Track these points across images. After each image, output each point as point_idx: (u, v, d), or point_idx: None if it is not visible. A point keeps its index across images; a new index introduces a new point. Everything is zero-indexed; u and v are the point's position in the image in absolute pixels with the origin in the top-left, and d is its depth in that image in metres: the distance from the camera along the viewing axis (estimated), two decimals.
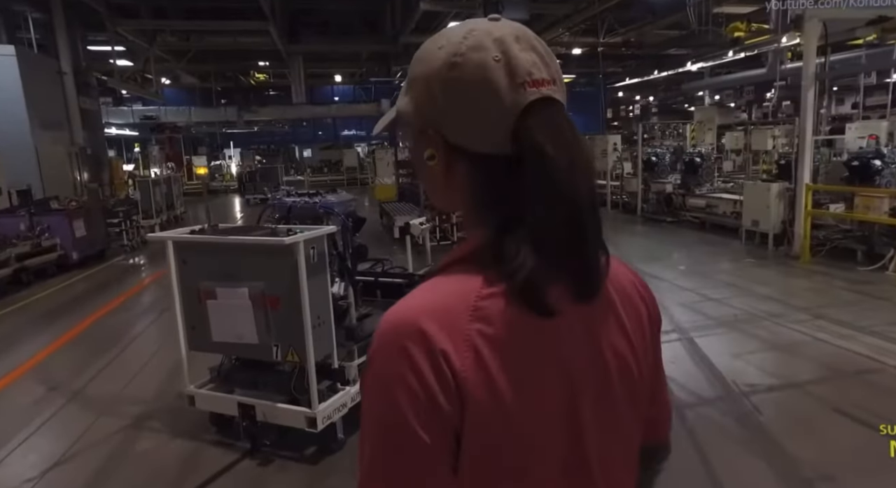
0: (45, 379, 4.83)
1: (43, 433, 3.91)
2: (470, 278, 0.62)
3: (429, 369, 0.57)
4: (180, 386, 3.77)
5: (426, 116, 0.66)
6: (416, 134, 0.68)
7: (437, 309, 0.60)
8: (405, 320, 0.59)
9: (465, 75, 0.62)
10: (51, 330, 6.21)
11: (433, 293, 0.63)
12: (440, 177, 0.68)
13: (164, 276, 8.55)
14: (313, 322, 3.15)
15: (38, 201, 10.20)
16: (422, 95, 0.66)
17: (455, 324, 0.59)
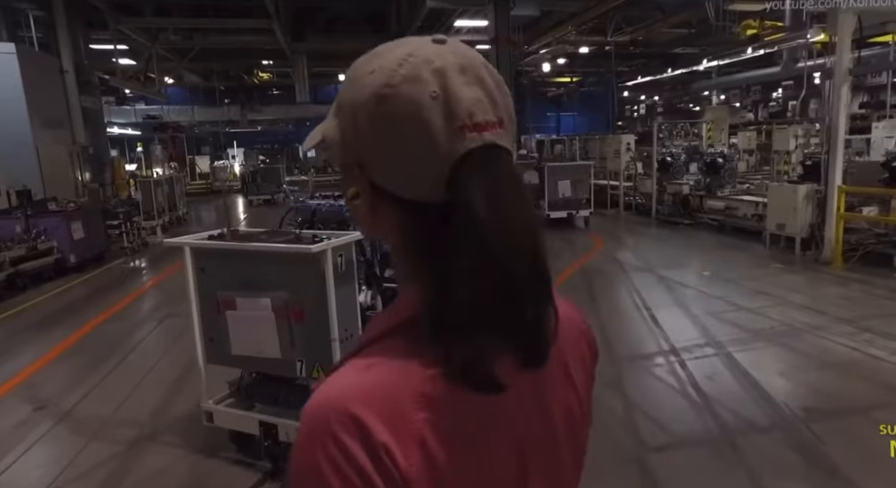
0: (32, 397, 4.47)
1: (21, 467, 3.51)
2: (408, 355, 0.54)
3: (370, 466, 0.49)
4: (199, 400, 3.49)
5: (351, 150, 0.58)
6: (341, 166, 0.60)
7: (374, 395, 0.52)
8: (336, 406, 0.51)
9: (395, 112, 0.54)
10: (43, 340, 5.84)
11: (367, 374, 0.54)
12: (365, 214, 0.60)
13: (165, 280, 8.35)
14: (341, 335, 2.94)
15: (36, 202, 9.83)
16: (348, 125, 0.58)
17: (398, 413, 0.52)
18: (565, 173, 11.30)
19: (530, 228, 0.56)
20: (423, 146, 0.54)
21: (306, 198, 4.12)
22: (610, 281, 7.29)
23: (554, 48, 20.57)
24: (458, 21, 19.05)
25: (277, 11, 16.03)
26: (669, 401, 3.94)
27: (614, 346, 4.94)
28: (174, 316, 6.42)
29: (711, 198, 10.29)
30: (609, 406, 3.89)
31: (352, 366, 0.55)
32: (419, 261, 0.57)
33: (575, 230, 11.02)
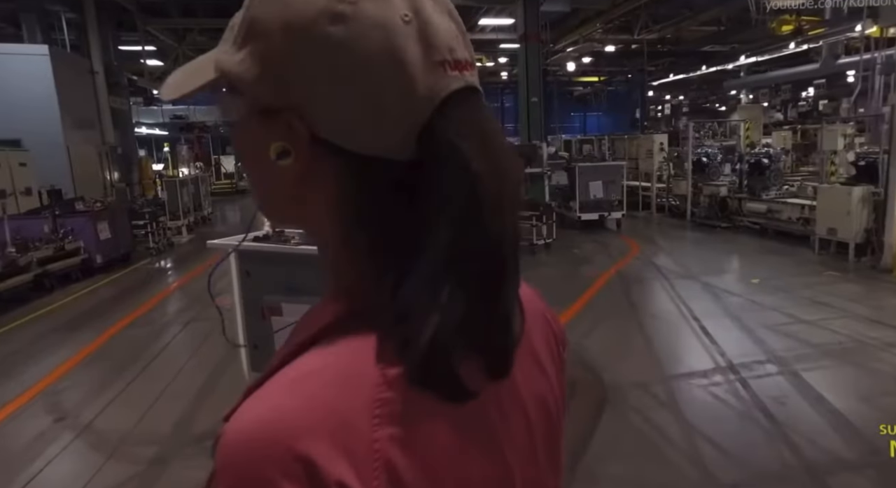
0: (54, 406, 4.24)
1: (43, 481, 3.28)
2: (357, 357, 0.40)
3: None
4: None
5: (284, 89, 0.42)
6: (255, 113, 0.43)
7: (316, 416, 0.38)
8: (268, 443, 0.36)
9: (357, 35, 0.40)
10: (68, 344, 5.64)
11: (301, 390, 0.39)
12: (289, 183, 0.44)
13: (189, 282, 8.13)
14: None
15: (64, 202, 9.74)
16: (275, 54, 0.41)
17: (354, 435, 0.38)
18: (597, 174, 10.89)
19: (519, 193, 0.46)
20: (397, 83, 0.41)
21: None
22: (651, 288, 6.85)
23: (580, 47, 20.10)
24: (482, 19, 18.75)
25: None
26: (736, 428, 3.53)
27: (664, 361, 4.54)
28: (198, 320, 6.20)
29: (752, 201, 9.74)
30: (667, 431, 3.51)
31: (277, 384, 0.40)
32: (366, 238, 0.43)
33: (607, 233, 10.59)
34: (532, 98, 12.08)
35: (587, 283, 6.86)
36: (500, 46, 22.20)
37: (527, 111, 12.14)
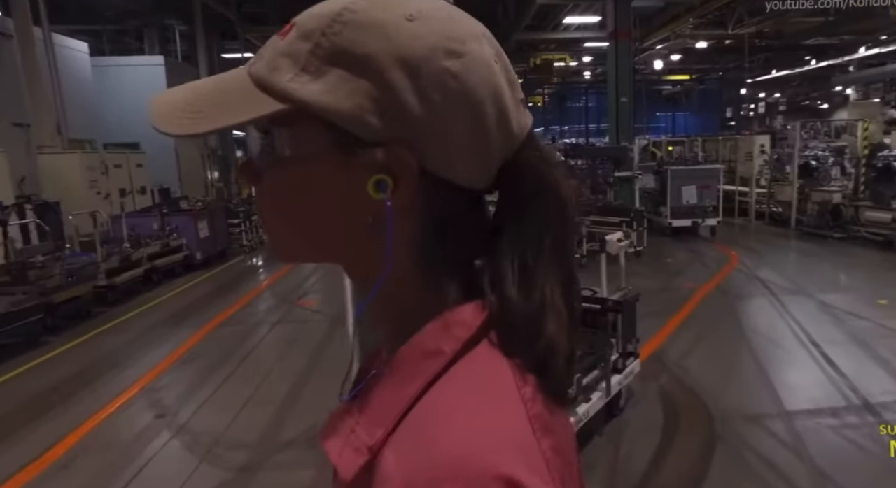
0: (155, 403, 4.35)
1: (140, 483, 3.28)
2: (499, 379, 0.41)
3: None
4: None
5: (390, 124, 0.41)
6: (336, 147, 0.42)
7: (506, 436, 0.39)
8: (477, 470, 0.36)
9: (469, 72, 0.41)
10: (169, 339, 5.85)
11: (481, 410, 0.40)
12: (375, 222, 0.43)
13: (277, 282, 8.28)
14: None
15: (171, 200, 10.28)
16: (387, 88, 0.40)
17: (531, 451, 0.39)
18: (690, 178, 10.11)
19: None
20: (499, 117, 0.43)
21: None
22: (758, 306, 6.13)
23: (670, 43, 18.96)
24: (567, 18, 18.13)
25: None
26: (880, 484, 2.98)
27: (782, 392, 3.98)
28: (284, 322, 6.25)
29: (875, 209, 8.61)
30: (794, 479, 3.01)
31: (449, 405, 0.40)
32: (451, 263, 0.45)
33: (701, 241, 9.80)
34: (621, 98, 11.43)
35: (683, 297, 6.29)
36: (585, 45, 21.44)
37: (615, 111, 11.51)
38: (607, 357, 3.51)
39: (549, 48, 22.75)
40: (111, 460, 3.54)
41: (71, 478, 3.32)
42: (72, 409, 4.25)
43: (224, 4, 14.43)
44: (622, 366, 3.67)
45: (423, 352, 0.43)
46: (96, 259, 6.98)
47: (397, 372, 0.43)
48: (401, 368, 0.43)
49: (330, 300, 6.67)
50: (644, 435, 3.50)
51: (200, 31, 15.15)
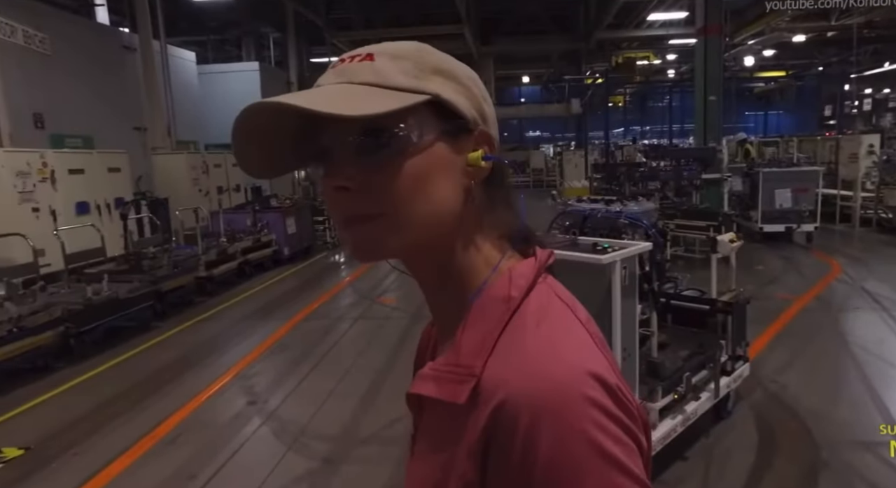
0: (246, 390, 4.57)
1: (235, 464, 3.46)
2: (555, 306, 0.54)
3: (621, 414, 0.47)
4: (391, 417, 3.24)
5: (480, 115, 0.57)
6: (448, 134, 0.54)
7: (581, 346, 0.51)
8: (574, 368, 0.48)
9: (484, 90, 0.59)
10: (259, 330, 6.14)
11: (555, 330, 0.51)
12: (474, 184, 0.56)
13: (358, 279, 8.48)
14: (621, 354, 2.71)
15: (263, 198, 10.79)
16: (474, 95, 0.57)
17: (601, 357, 0.51)
18: (785, 180, 9.35)
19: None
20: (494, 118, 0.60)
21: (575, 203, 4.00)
22: (866, 321, 5.52)
23: (764, 38, 17.69)
24: (652, 14, 17.37)
25: (468, 16, 15.97)
26: None
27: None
28: (365, 318, 6.38)
29: None
30: None
31: (539, 327, 0.51)
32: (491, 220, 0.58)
33: (796, 248, 9.06)
34: (710, 97, 10.77)
35: (778, 308, 5.81)
36: (670, 42, 20.44)
37: (703, 111, 10.87)
38: (716, 358, 3.40)
39: (632, 46, 21.90)
40: (210, 439, 3.76)
41: (176, 453, 3.55)
42: (176, 390, 4.56)
43: (314, 12, 15.00)
44: (731, 369, 3.56)
45: (496, 299, 0.54)
46: (198, 251, 7.45)
47: (478, 317, 0.53)
48: (480, 313, 0.54)
49: (408, 298, 6.74)
50: (736, 455, 3.25)
51: (292, 38, 15.85)
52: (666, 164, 10.90)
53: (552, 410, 0.45)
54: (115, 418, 4.06)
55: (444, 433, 0.52)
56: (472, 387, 0.49)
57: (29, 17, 7.96)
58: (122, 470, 3.38)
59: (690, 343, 3.49)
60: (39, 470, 3.43)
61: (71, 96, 9.18)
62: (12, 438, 3.81)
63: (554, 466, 0.45)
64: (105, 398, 4.43)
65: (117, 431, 3.87)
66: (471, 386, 0.49)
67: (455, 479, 0.49)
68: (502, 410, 0.46)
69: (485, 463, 0.47)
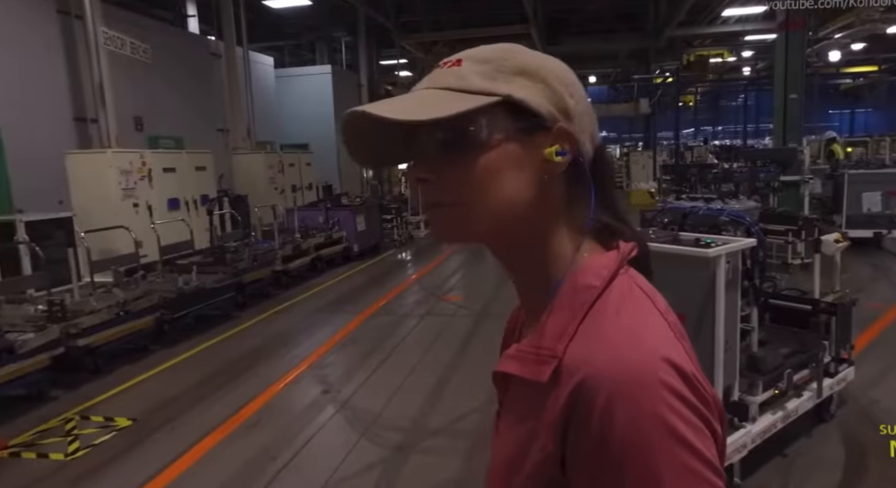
0: (321, 379, 4.79)
1: (313, 448, 3.65)
2: (636, 295, 0.57)
3: (696, 400, 0.50)
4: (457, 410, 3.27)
5: (560, 112, 0.59)
6: (523, 131, 0.57)
7: (659, 333, 0.53)
8: (650, 354, 0.50)
9: (579, 89, 0.61)
10: (330, 323, 6.40)
11: (634, 318, 0.54)
12: (550, 178, 0.59)
13: (425, 275, 8.64)
14: (723, 346, 2.71)
15: (334, 196, 11.17)
16: (556, 92, 0.59)
17: (679, 345, 0.53)
18: (874, 183, 8.71)
19: None
20: (592, 118, 0.62)
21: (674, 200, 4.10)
22: None
23: (854, 31, 16.44)
24: (727, 10, 16.57)
25: (535, 16, 15.83)
26: None
27: None
28: (431, 315, 6.49)
29: None
30: None
31: (619, 315, 0.54)
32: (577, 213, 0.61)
33: (886, 255, 8.42)
34: (791, 95, 10.18)
35: (868, 318, 5.43)
36: (745, 38, 19.42)
37: (783, 110, 10.28)
38: (819, 358, 3.34)
39: (704, 44, 20.97)
40: (288, 424, 3.98)
41: (259, 436, 3.79)
42: (257, 376, 4.84)
43: (384, 15, 15.34)
44: (834, 371, 3.48)
45: (579, 287, 0.57)
46: (275, 246, 7.83)
47: (561, 303, 0.57)
48: (564, 300, 0.57)
49: (474, 297, 6.82)
50: (819, 472, 3.10)
51: (362, 41, 16.26)
52: (740, 166, 10.38)
53: (628, 392, 0.48)
54: (205, 399, 4.38)
55: (527, 409, 0.55)
56: (553, 368, 0.53)
57: (135, 30, 8.64)
58: (212, 446, 3.65)
59: (791, 342, 3.46)
60: (144, 440, 3.77)
61: (165, 100, 9.88)
62: (122, 410, 4.20)
63: (627, 445, 0.47)
64: (195, 380, 4.77)
65: (207, 411, 4.16)
66: (552, 366, 0.53)
67: (536, 451, 0.53)
68: (581, 390, 0.49)
69: (564, 438, 0.51)
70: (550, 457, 0.52)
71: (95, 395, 4.48)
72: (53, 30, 8.03)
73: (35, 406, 4.29)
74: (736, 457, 2.84)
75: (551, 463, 0.52)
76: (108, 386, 4.66)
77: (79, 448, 3.67)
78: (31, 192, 7.05)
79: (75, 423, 4.02)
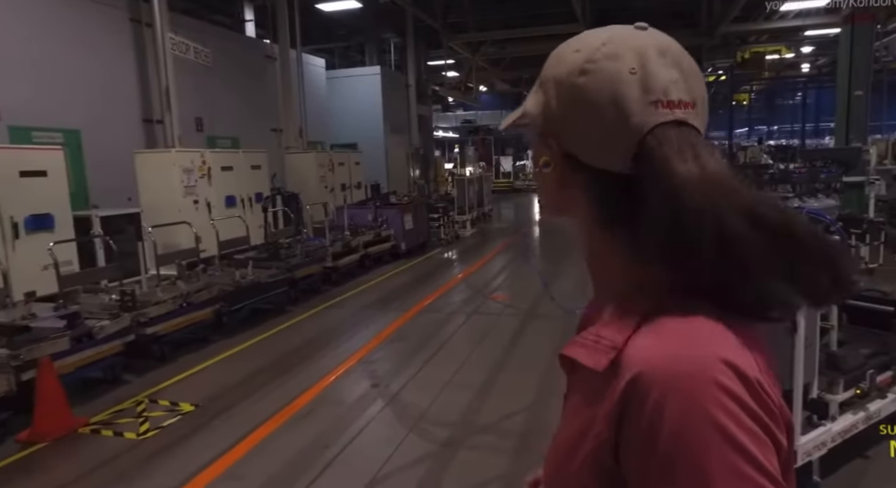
0: (370, 373, 4.87)
1: (363, 440, 3.73)
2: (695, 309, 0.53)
3: (756, 406, 0.48)
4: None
5: (550, 121, 0.61)
6: (537, 137, 0.64)
7: (721, 337, 0.51)
8: (705, 355, 0.50)
9: (593, 84, 0.57)
10: (378, 319, 6.48)
11: (696, 322, 0.52)
12: (553, 186, 0.63)
13: (472, 275, 8.66)
14: (803, 342, 2.65)
15: (382, 195, 11.32)
16: (549, 98, 0.61)
17: (744, 351, 0.51)
18: None
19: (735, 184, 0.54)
20: (615, 116, 0.55)
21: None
22: None
23: None
24: (785, 4, 15.83)
25: (584, 14, 15.57)
26: None
27: None
28: (479, 313, 6.49)
29: None
30: None
31: (670, 317, 0.53)
32: (608, 227, 0.60)
33: None
34: (855, 91, 9.66)
35: None
36: (805, 34, 18.52)
37: (846, 107, 9.77)
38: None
39: (760, 40, 20.12)
40: (340, 415, 4.08)
41: (312, 425, 3.90)
42: (309, 368, 4.98)
43: (431, 16, 15.42)
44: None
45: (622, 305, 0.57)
46: (325, 243, 8.02)
47: (624, 304, 0.58)
48: (626, 301, 0.57)
49: (521, 296, 6.79)
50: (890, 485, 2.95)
51: (411, 42, 16.40)
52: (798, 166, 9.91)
53: (680, 389, 0.48)
54: (260, 388, 4.54)
55: (588, 395, 0.56)
56: (612, 359, 0.53)
57: (198, 36, 9.03)
58: (268, 434, 3.78)
59: (871, 343, 3.36)
60: (206, 425, 3.95)
61: (223, 102, 10.26)
62: (185, 396, 4.41)
63: (676, 441, 0.47)
64: (251, 370, 4.95)
65: (263, 400, 4.31)
66: (611, 357, 0.53)
67: (592, 437, 0.54)
68: (636, 383, 0.50)
69: (619, 428, 0.51)
70: (605, 446, 0.53)
71: (162, 381, 4.72)
72: (126, 37, 8.48)
73: (110, 388, 4.57)
74: (815, 455, 2.79)
75: (605, 452, 0.53)
76: (173, 372, 4.90)
77: (149, 429, 3.89)
78: (104, 190, 7.49)
79: (145, 406, 4.25)
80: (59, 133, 7.28)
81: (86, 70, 7.75)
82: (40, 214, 5.49)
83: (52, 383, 3.80)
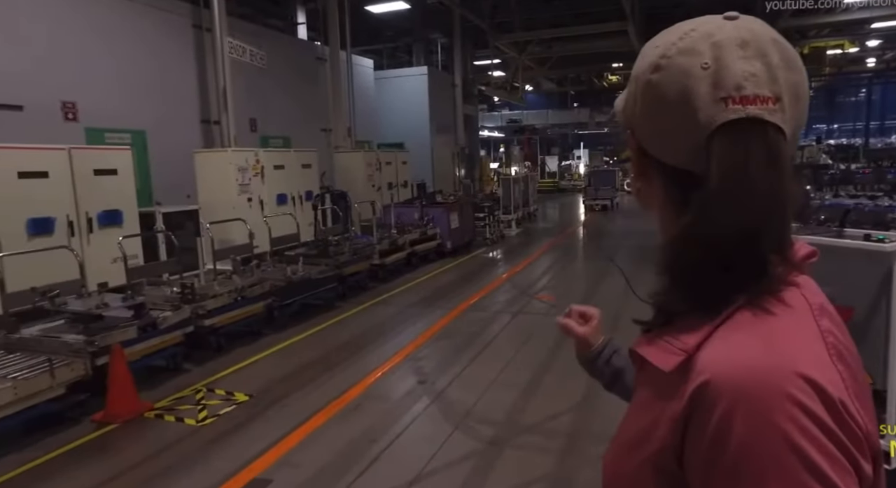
0: (416, 370, 4.91)
1: (409, 435, 3.77)
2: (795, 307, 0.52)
3: (835, 426, 0.45)
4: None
5: (629, 116, 0.63)
6: (624, 132, 0.67)
7: (805, 349, 0.49)
8: (781, 369, 0.47)
9: (664, 80, 0.56)
10: (424, 317, 6.53)
11: (780, 329, 0.50)
12: (636, 183, 0.65)
13: (517, 274, 8.60)
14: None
15: (428, 194, 11.39)
16: (629, 94, 0.62)
17: (829, 365, 0.49)
18: None
19: (771, 209, 0.53)
20: (682, 113, 0.54)
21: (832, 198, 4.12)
22: None
23: None
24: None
25: (633, 12, 15.19)
26: None
27: None
28: (524, 313, 6.44)
29: None
30: None
31: (760, 324, 0.50)
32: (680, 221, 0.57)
33: None
34: None
35: None
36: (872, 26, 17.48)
37: None
38: None
39: (821, 34, 19.13)
40: (387, 410, 4.13)
41: (360, 419, 3.97)
42: (356, 364, 5.07)
43: (478, 16, 15.40)
44: None
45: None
46: (373, 241, 8.13)
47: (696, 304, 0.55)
48: (699, 301, 0.55)
49: (567, 297, 6.69)
50: None
51: (457, 42, 16.43)
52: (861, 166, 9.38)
53: (750, 401, 0.46)
54: (311, 382, 4.65)
55: (654, 394, 0.55)
56: (681, 361, 0.52)
57: (253, 39, 9.33)
58: (318, 426, 3.87)
59: None
60: (260, 415, 4.08)
61: (275, 102, 10.56)
62: (240, 386, 4.57)
63: (743, 454, 0.45)
64: (302, 363, 5.08)
65: (313, 393, 4.42)
66: (680, 359, 0.52)
67: (656, 439, 0.52)
68: (705, 390, 0.48)
69: (685, 433, 0.50)
70: (668, 449, 0.51)
71: (218, 371, 4.91)
72: (188, 42, 8.85)
73: (172, 376, 4.79)
74: None
75: (669, 455, 0.52)
76: (228, 363, 5.09)
77: (207, 416, 4.05)
78: (166, 187, 7.84)
79: (203, 394, 4.44)
80: (128, 134, 7.67)
81: (152, 74, 8.13)
82: (111, 210, 5.81)
83: (122, 369, 4.02)
